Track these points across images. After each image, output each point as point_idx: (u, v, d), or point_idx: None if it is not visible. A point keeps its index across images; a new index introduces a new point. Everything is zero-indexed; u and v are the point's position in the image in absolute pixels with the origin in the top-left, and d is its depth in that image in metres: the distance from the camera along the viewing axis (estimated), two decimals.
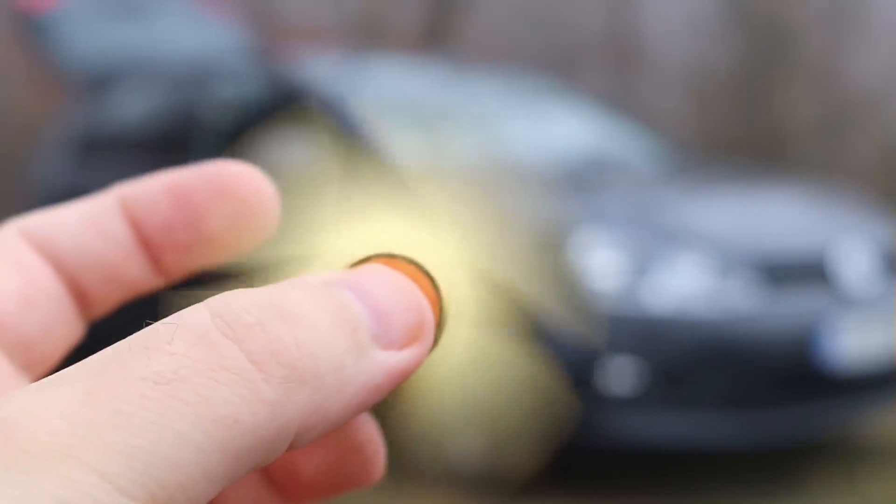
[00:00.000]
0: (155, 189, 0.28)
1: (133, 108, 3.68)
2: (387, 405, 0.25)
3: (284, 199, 0.28)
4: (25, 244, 0.27)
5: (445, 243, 0.26)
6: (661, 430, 2.38)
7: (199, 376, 0.19)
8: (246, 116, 3.30)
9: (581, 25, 6.70)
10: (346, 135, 2.91)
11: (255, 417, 0.20)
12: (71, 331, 0.28)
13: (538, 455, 2.47)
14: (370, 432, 0.26)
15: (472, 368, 0.26)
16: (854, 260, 2.60)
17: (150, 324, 0.21)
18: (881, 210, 3.15)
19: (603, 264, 2.44)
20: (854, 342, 2.48)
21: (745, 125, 6.20)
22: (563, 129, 3.43)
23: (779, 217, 2.86)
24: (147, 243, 0.28)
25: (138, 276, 0.28)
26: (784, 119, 6.15)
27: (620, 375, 2.35)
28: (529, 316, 0.24)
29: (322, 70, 3.37)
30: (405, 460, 2.55)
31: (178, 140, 3.38)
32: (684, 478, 2.63)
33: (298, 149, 2.89)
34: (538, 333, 2.25)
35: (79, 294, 0.28)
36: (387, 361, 0.22)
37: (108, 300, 0.28)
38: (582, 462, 2.64)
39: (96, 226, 0.28)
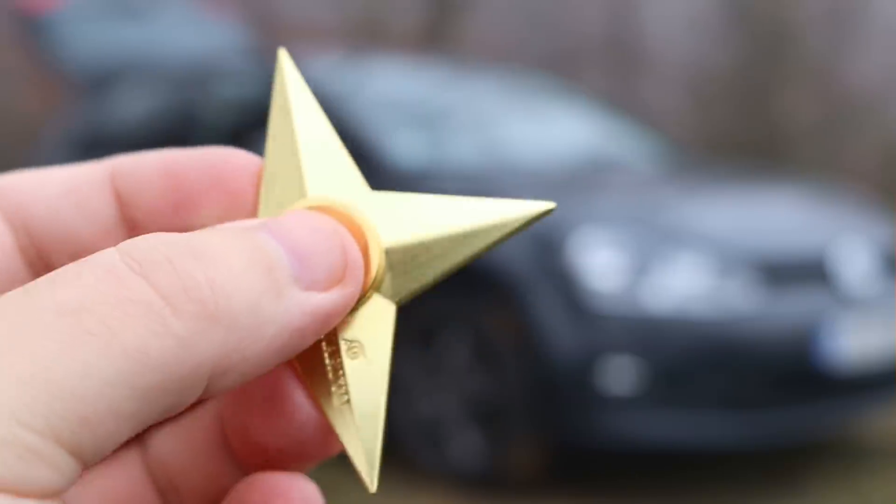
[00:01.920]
0: (149, 168, 0.27)
1: (133, 108, 3.68)
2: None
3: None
4: None
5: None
6: (661, 430, 2.38)
7: (105, 307, 0.19)
8: (246, 116, 3.30)
9: (581, 26, 6.70)
10: (347, 134, 2.91)
11: (164, 352, 0.19)
12: None
13: (538, 455, 2.47)
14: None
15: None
16: (854, 260, 2.60)
17: None
18: (881, 210, 3.15)
19: (603, 264, 2.44)
20: (854, 342, 2.48)
21: (745, 126, 6.20)
22: (562, 129, 3.43)
23: (779, 217, 2.86)
24: (132, 223, 0.27)
25: None
26: (784, 119, 6.15)
27: (620, 375, 2.35)
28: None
29: (322, 70, 3.37)
30: (405, 460, 2.56)
31: (178, 140, 3.38)
32: (684, 478, 2.63)
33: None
34: (534, 337, 2.23)
35: (44, 266, 0.26)
36: (309, 302, 0.21)
37: None
38: (582, 462, 2.64)
39: (77, 196, 0.26)
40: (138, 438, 0.26)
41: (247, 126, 3.21)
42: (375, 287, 0.24)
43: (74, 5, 4.44)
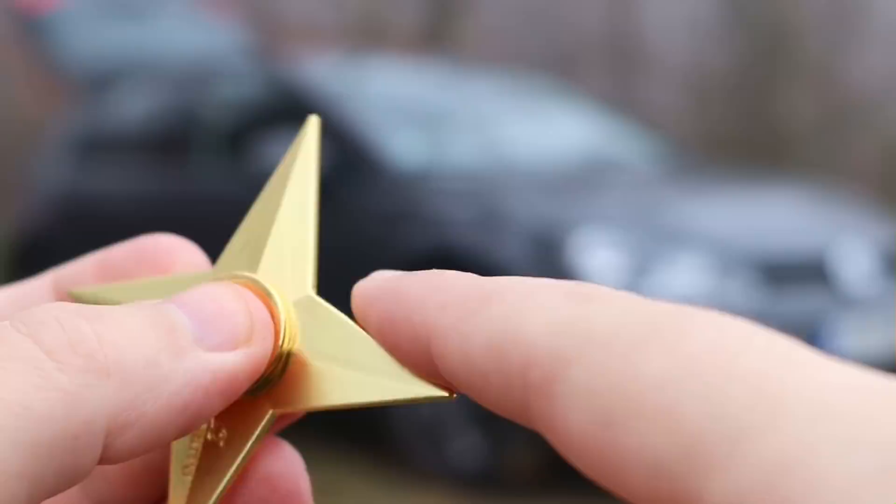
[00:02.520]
0: (85, 267, 0.26)
1: (133, 108, 3.68)
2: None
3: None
4: None
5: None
6: None
7: None
8: (246, 116, 3.30)
9: (581, 26, 6.70)
10: (347, 134, 2.91)
11: (49, 405, 0.18)
12: None
13: (538, 455, 2.47)
14: (290, 467, 0.25)
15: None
16: (854, 260, 2.60)
17: None
18: (881, 210, 3.15)
19: (603, 264, 2.44)
20: (854, 342, 2.48)
21: (745, 125, 6.20)
22: (562, 129, 3.43)
23: (779, 217, 2.87)
24: None
25: None
26: (784, 119, 6.15)
27: None
28: None
29: (322, 70, 3.37)
30: (405, 460, 2.56)
31: (178, 140, 3.38)
32: None
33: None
34: None
35: None
36: (213, 361, 0.21)
37: None
38: None
39: (24, 307, 0.27)
40: None
41: (246, 126, 3.21)
42: (269, 380, 0.24)
43: (74, 5, 4.44)
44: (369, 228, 2.73)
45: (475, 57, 5.56)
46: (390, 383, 0.23)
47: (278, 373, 0.24)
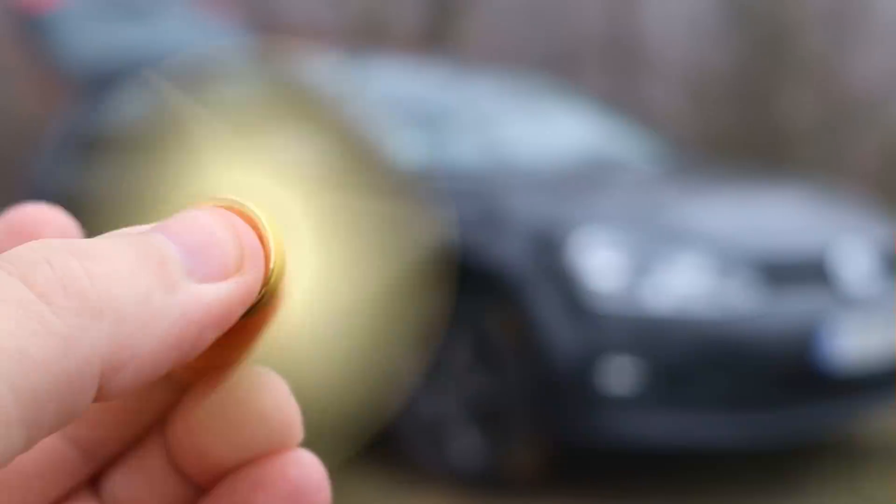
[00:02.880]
0: None
1: (133, 108, 3.68)
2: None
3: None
4: None
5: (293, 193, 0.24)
6: (661, 430, 2.38)
7: None
8: (246, 116, 3.30)
9: (581, 26, 6.70)
10: (346, 134, 2.91)
11: (45, 350, 0.18)
12: None
13: (538, 455, 2.47)
14: (277, 397, 0.24)
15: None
16: (854, 260, 2.60)
17: None
18: (881, 210, 3.15)
19: (603, 264, 2.44)
20: (854, 342, 2.48)
21: (745, 125, 6.20)
22: (563, 129, 3.43)
23: (779, 217, 2.86)
24: None
25: None
26: (784, 119, 6.14)
27: (621, 375, 2.35)
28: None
29: (322, 70, 3.37)
30: (405, 458, 2.56)
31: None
32: (684, 478, 2.63)
33: (298, 148, 2.89)
34: (535, 337, 2.22)
35: None
36: (206, 294, 0.21)
37: None
38: (582, 462, 2.64)
39: None
40: (91, 483, 0.26)
41: (246, 126, 3.21)
42: (274, 284, 0.23)
43: (74, 5, 4.44)
44: None
45: (475, 57, 5.56)
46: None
47: (273, 292, 0.23)
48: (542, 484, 2.48)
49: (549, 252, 2.46)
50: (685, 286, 2.44)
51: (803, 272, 2.56)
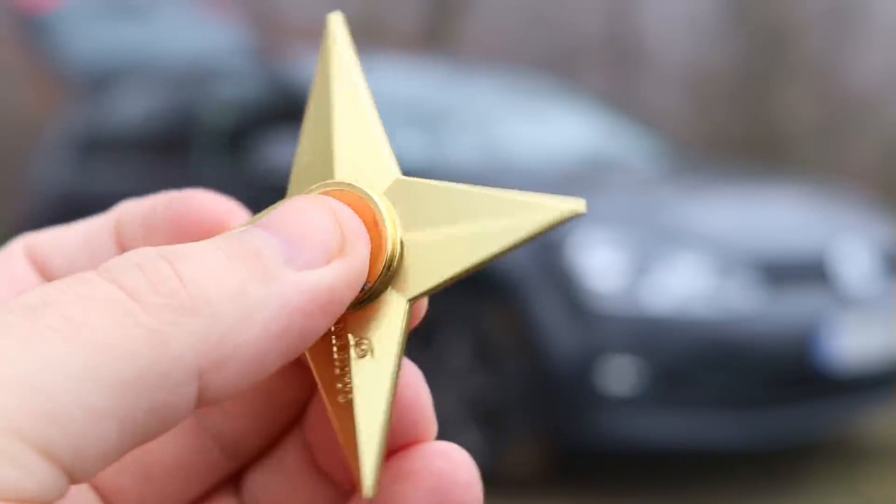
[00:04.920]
0: (137, 211, 0.26)
1: (133, 108, 3.68)
2: None
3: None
4: (25, 259, 0.26)
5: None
6: (661, 430, 2.38)
7: (68, 303, 0.18)
8: (246, 116, 3.30)
9: (581, 26, 6.70)
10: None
11: (131, 343, 0.18)
12: None
13: (538, 455, 2.47)
14: (411, 386, 0.24)
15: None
16: (854, 260, 2.60)
17: None
18: (881, 210, 3.15)
19: (603, 264, 2.44)
20: (854, 342, 2.48)
21: (745, 125, 6.20)
22: (562, 128, 3.43)
23: (779, 217, 2.86)
24: None
25: None
26: (784, 119, 6.15)
27: (620, 375, 2.35)
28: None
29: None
30: None
31: (178, 140, 3.38)
32: (684, 478, 2.63)
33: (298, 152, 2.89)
34: (534, 337, 2.22)
35: None
36: (306, 280, 0.21)
37: None
38: (582, 462, 2.64)
39: (90, 248, 0.26)
40: (233, 483, 0.26)
41: (246, 126, 3.21)
42: (389, 275, 0.23)
43: (74, 5, 4.44)
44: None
45: (475, 57, 5.56)
46: (516, 219, 0.22)
47: (395, 267, 0.23)
48: (542, 484, 2.48)
49: (549, 252, 2.46)
50: (685, 286, 2.44)
51: (803, 272, 2.56)
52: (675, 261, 2.47)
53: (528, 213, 0.22)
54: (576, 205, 0.22)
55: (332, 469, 0.25)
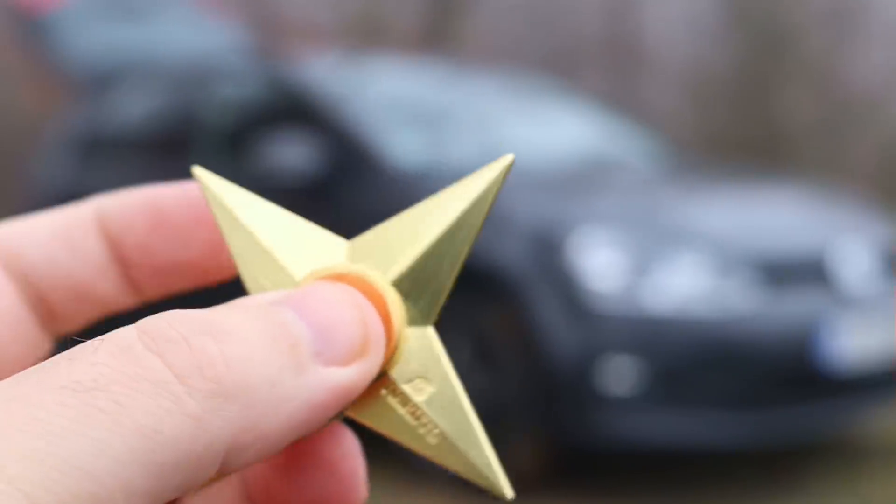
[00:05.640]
0: (133, 206, 0.27)
1: (133, 108, 3.68)
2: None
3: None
4: None
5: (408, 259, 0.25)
6: (661, 430, 2.38)
7: (118, 385, 0.19)
8: (246, 116, 3.30)
9: (581, 26, 6.70)
10: (346, 134, 2.91)
11: (177, 430, 0.19)
12: (32, 347, 0.27)
13: (538, 455, 2.47)
14: (348, 449, 0.25)
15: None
16: (854, 260, 2.60)
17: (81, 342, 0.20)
18: (881, 210, 3.15)
19: (603, 264, 2.44)
20: (854, 342, 2.48)
21: (744, 126, 6.20)
22: (562, 129, 3.43)
23: (778, 217, 2.86)
24: (124, 262, 0.27)
25: (112, 294, 0.27)
26: (784, 119, 6.15)
27: (620, 375, 2.35)
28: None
29: (322, 70, 3.37)
30: (405, 460, 2.56)
31: (178, 140, 3.38)
32: (684, 478, 2.63)
33: (298, 149, 2.89)
34: (534, 337, 2.22)
35: (46, 309, 0.27)
36: (331, 378, 0.21)
37: (78, 316, 0.27)
38: (582, 462, 2.64)
39: (68, 239, 0.26)
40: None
41: (247, 126, 3.21)
42: (394, 353, 0.24)
43: (74, 5, 4.44)
44: (369, 228, 2.73)
45: (475, 57, 5.56)
46: (463, 196, 0.23)
47: (387, 369, 0.24)
48: (542, 484, 2.48)
49: (549, 252, 2.46)
50: (685, 286, 2.44)
51: (803, 272, 2.56)
52: (675, 261, 2.47)
53: (473, 190, 0.23)
54: (506, 159, 0.23)
55: (260, 502, 0.26)
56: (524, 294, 2.43)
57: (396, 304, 0.24)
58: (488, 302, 2.49)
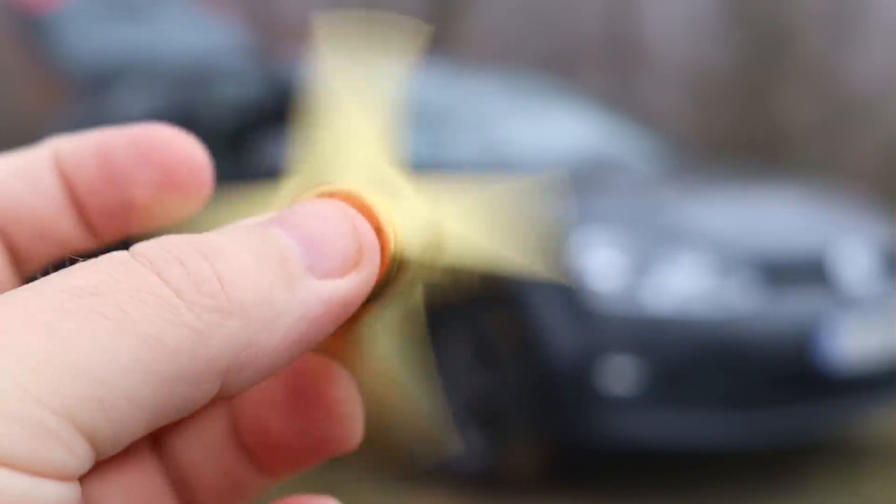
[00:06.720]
0: (85, 147, 0.27)
1: (133, 107, 3.68)
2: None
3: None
4: None
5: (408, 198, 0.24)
6: (661, 430, 2.38)
7: (121, 294, 0.19)
8: (246, 116, 3.30)
9: (581, 26, 6.70)
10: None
11: (178, 341, 0.19)
12: (2, 286, 0.26)
13: (538, 455, 2.47)
14: (346, 391, 0.25)
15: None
16: (854, 260, 2.60)
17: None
18: (881, 210, 3.15)
19: (603, 264, 2.44)
20: (854, 342, 2.48)
21: (745, 125, 6.20)
22: (563, 129, 3.43)
23: (778, 217, 2.86)
24: (78, 202, 0.27)
25: (71, 235, 0.27)
26: (784, 119, 6.15)
27: (620, 375, 2.35)
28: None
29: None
30: (405, 460, 2.55)
31: None
32: (684, 478, 2.63)
33: (298, 149, 2.89)
34: (534, 337, 2.22)
35: (9, 247, 0.27)
36: (324, 290, 0.21)
37: (40, 256, 0.27)
38: (582, 462, 2.64)
39: (28, 177, 0.26)
40: (151, 437, 0.26)
41: (247, 126, 3.21)
42: (394, 271, 0.23)
43: (74, 5, 4.44)
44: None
45: (475, 57, 5.56)
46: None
47: (386, 286, 0.23)
48: (541, 484, 2.48)
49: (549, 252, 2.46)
50: (685, 286, 2.44)
51: (803, 272, 2.56)
52: (675, 261, 2.47)
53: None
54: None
55: (250, 442, 0.26)
56: (524, 294, 2.43)
57: (390, 222, 0.23)
58: (488, 302, 2.49)
